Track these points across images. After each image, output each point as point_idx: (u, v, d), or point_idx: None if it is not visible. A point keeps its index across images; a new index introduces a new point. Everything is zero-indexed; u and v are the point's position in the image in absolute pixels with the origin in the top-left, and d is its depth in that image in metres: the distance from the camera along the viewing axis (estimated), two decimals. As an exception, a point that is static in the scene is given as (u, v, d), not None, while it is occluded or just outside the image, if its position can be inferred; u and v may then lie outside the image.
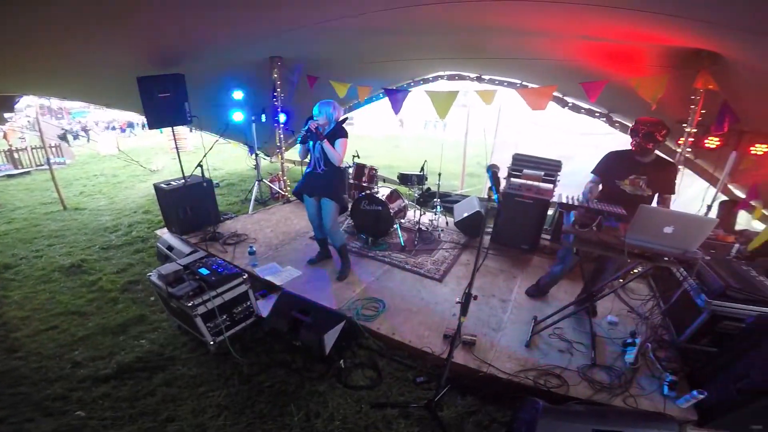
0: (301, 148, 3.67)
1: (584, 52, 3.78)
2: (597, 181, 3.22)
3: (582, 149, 5.71)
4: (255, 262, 4.12)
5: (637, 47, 3.40)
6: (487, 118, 7.24)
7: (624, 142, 4.43)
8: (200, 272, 2.96)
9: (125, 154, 10.54)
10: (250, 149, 7.55)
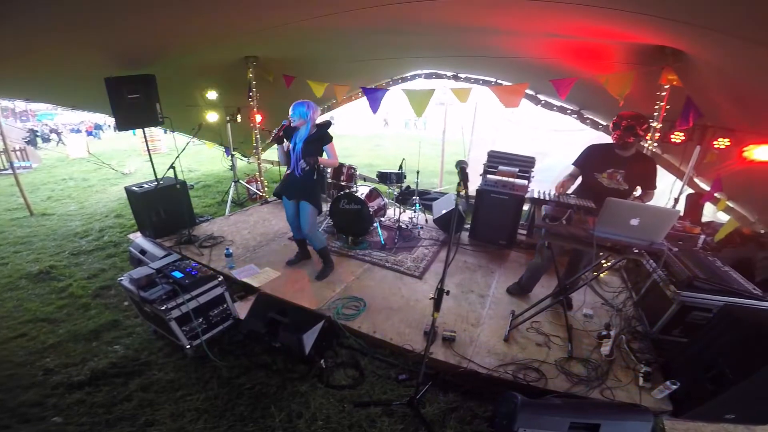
0: (280, 151, 3.61)
1: (553, 49, 3.84)
2: (575, 173, 3.27)
3: (556, 146, 5.86)
4: (232, 264, 4.05)
5: (604, 45, 3.48)
6: (465, 116, 7.35)
7: (595, 138, 4.55)
8: (173, 275, 2.89)
9: (96, 157, 10.21)
10: (226, 150, 7.42)
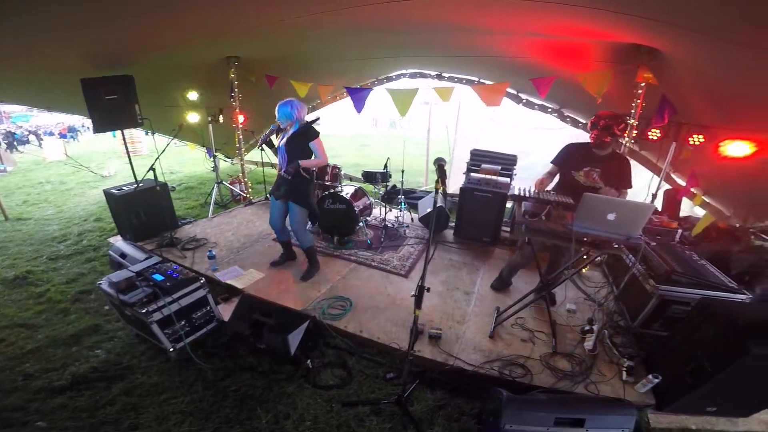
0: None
1: (534, 48, 3.89)
2: (553, 171, 3.33)
3: (537, 144, 5.93)
4: (215, 266, 4.00)
5: (582, 43, 3.54)
6: (449, 115, 7.39)
7: (575, 136, 4.62)
8: (154, 278, 2.84)
9: (74, 160, 9.95)
10: (208, 151, 7.31)
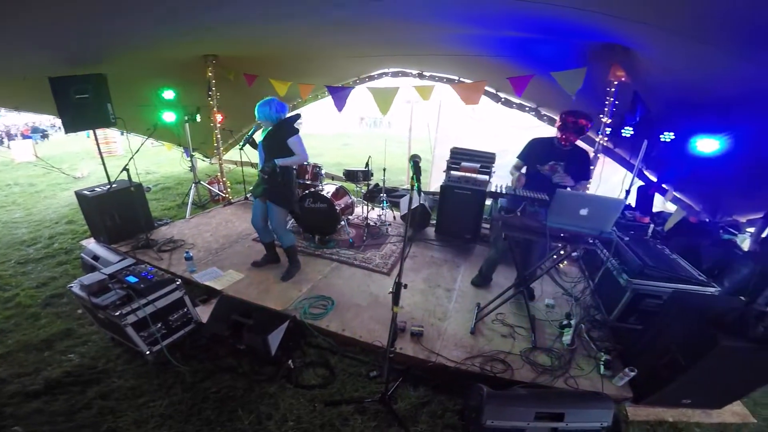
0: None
1: (510, 47, 3.95)
2: (519, 165, 3.46)
3: (515, 142, 6.01)
4: (193, 267, 3.93)
5: (557, 42, 3.62)
6: (430, 114, 7.43)
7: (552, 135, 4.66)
8: (128, 280, 2.76)
9: (44, 161, 9.58)
10: (185, 151, 7.16)
